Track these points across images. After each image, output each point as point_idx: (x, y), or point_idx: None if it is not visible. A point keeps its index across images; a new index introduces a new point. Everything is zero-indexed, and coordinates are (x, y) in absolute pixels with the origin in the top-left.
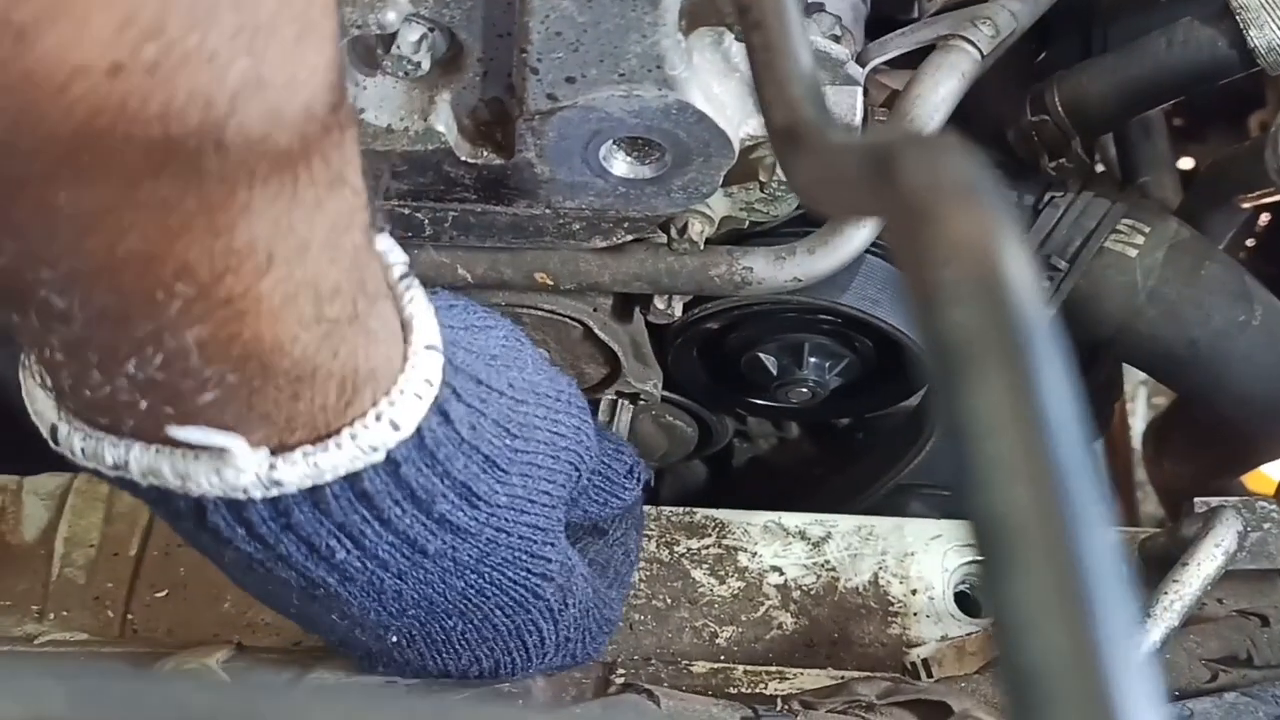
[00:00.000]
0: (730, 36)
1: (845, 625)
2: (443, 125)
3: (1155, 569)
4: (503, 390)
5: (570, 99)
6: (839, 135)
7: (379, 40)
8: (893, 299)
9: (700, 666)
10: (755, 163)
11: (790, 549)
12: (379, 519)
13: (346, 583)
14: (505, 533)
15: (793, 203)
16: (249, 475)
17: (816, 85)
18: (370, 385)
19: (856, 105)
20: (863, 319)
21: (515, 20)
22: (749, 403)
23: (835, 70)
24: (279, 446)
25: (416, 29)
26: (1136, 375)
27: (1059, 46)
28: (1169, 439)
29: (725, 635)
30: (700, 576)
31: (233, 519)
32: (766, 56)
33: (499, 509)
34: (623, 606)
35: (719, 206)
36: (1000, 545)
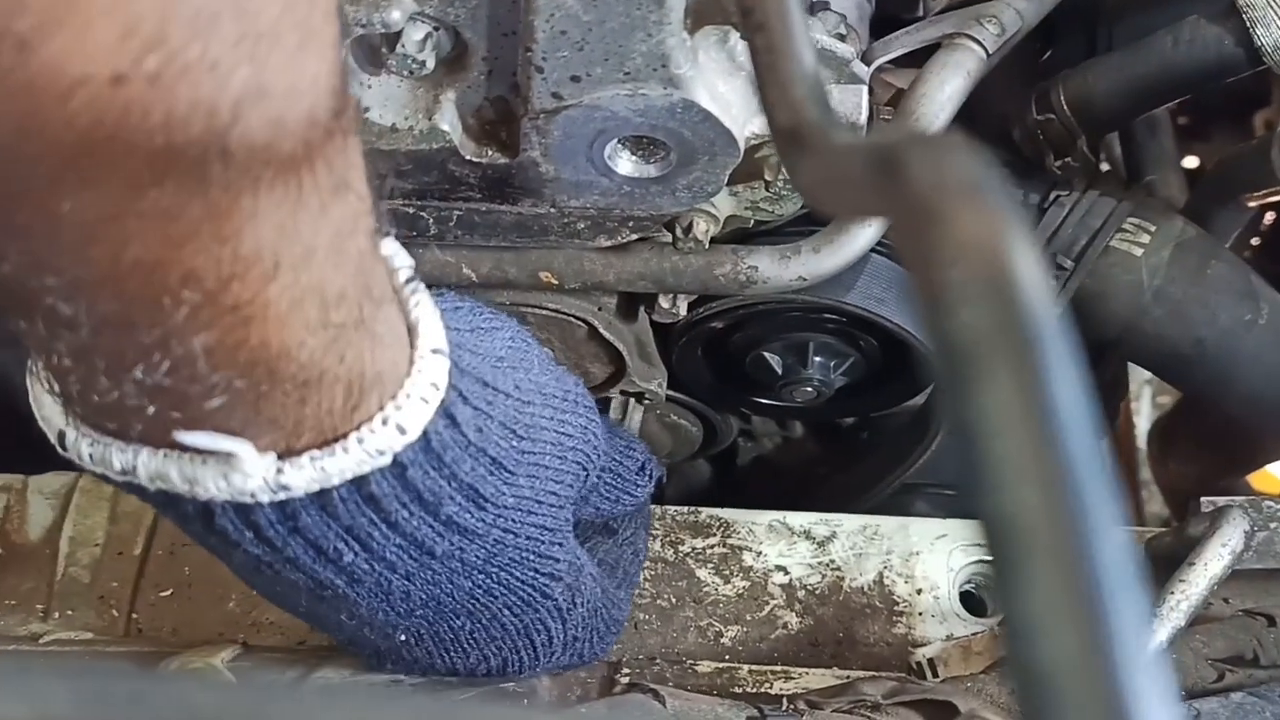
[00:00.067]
0: (735, 35)
1: (850, 625)
2: (447, 124)
3: (1161, 568)
4: (509, 392)
5: (575, 98)
6: (843, 136)
7: (383, 39)
8: (898, 298)
9: (705, 666)
10: (760, 162)
11: (795, 548)
12: (386, 521)
13: (354, 584)
14: (513, 533)
15: (798, 202)
16: (256, 480)
17: (820, 86)
18: (377, 389)
19: (861, 104)
20: (868, 318)
21: (520, 19)
22: (754, 402)
23: (840, 69)
24: (286, 451)
25: (421, 28)
26: (1141, 374)
27: (1064, 45)
28: (1174, 438)
29: (730, 635)
30: (705, 576)
31: (241, 522)
32: (769, 58)
33: (506, 510)
34: (630, 606)
35: (724, 205)
36: (1011, 546)
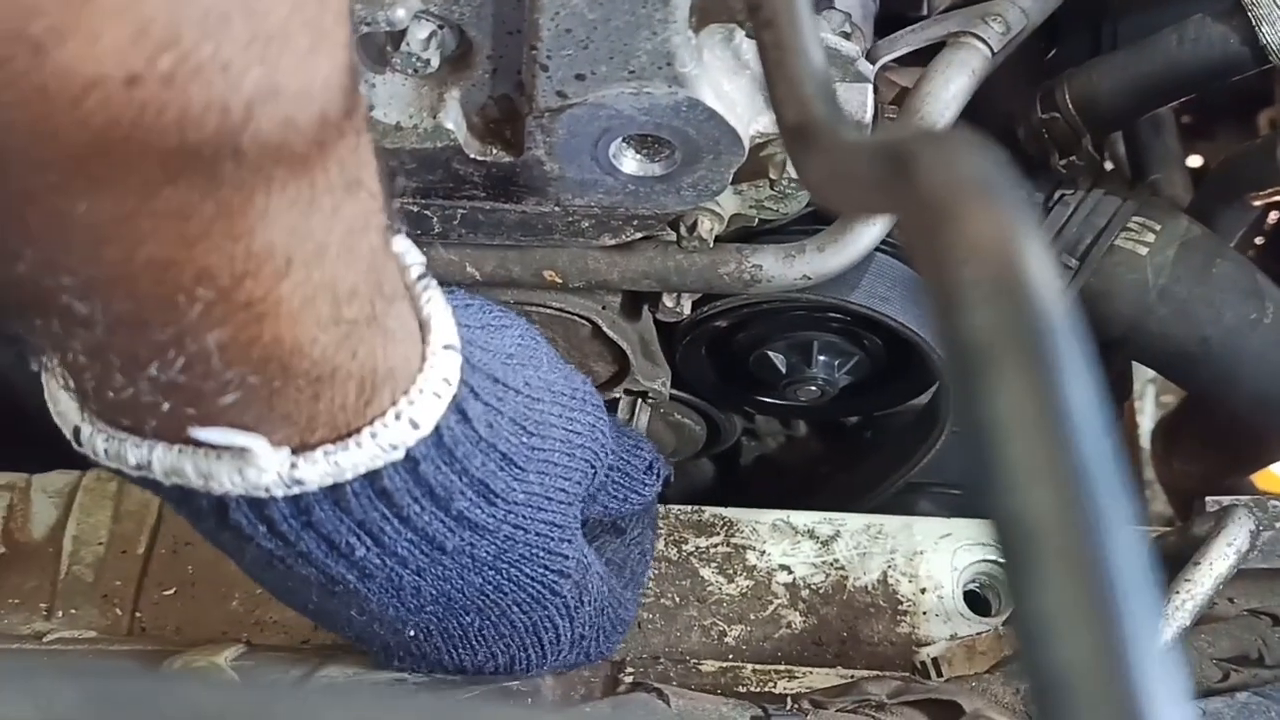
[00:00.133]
0: (740, 33)
1: (854, 624)
2: (452, 123)
3: (1166, 568)
4: (519, 388)
5: (580, 96)
6: (852, 133)
7: (388, 37)
8: (903, 297)
9: (709, 665)
10: (765, 160)
11: (799, 547)
12: (398, 516)
13: (366, 579)
14: (522, 529)
15: (802, 200)
16: (271, 474)
17: (828, 83)
18: (389, 385)
19: (867, 102)
20: (872, 317)
21: (525, 17)
22: (757, 401)
23: (845, 67)
24: (300, 446)
25: (426, 26)
26: (1145, 373)
27: (1069, 43)
28: (1178, 438)
29: (734, 634)
30: (709, 575)
31: (254, 517)
32: (778, 55)
33: (516, 506)
34: (637, 606)
35: (728, 204)
36: (1024, 547)
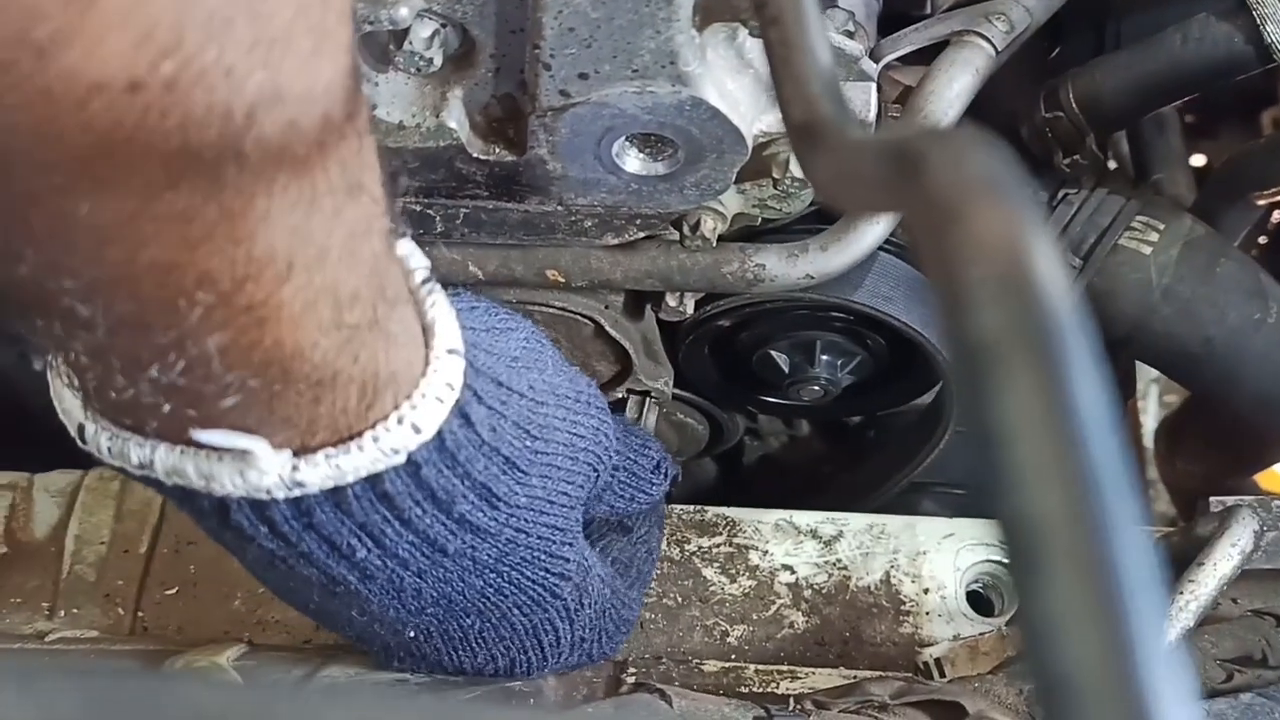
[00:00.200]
0: (744, 32)
1: (857, 624)
2: (455, 122)
3: (1170, 568)
4: (523, 392)
5: (583, 95)
6: (859, 132)
7: (391, 36)
8: (906, 296)
9: (711, 665)
10: (768, 159)
11: (801, 547)
12: (400, 519)
13: (367, 580)
14: (524, 533)
15: (806, 200)
16: (272, 476)
17: (835, 81)
18: (391, 389)
19: (871, 101)
20: (875, 316)
21: (528, 16)
22: (760, 400)
23: (849, 66)
24: (301, 448)
25: (429, 25)
26: (1148, 373)
27: (1072, 42)
28: (1182, 437)
29: (736, 634)
30: (711, 575)
31: (256, 518)
32: (784, 52)
33: (518, 510)
34: (641, 605)
35: (731, 203)
36: (1031, 548)
